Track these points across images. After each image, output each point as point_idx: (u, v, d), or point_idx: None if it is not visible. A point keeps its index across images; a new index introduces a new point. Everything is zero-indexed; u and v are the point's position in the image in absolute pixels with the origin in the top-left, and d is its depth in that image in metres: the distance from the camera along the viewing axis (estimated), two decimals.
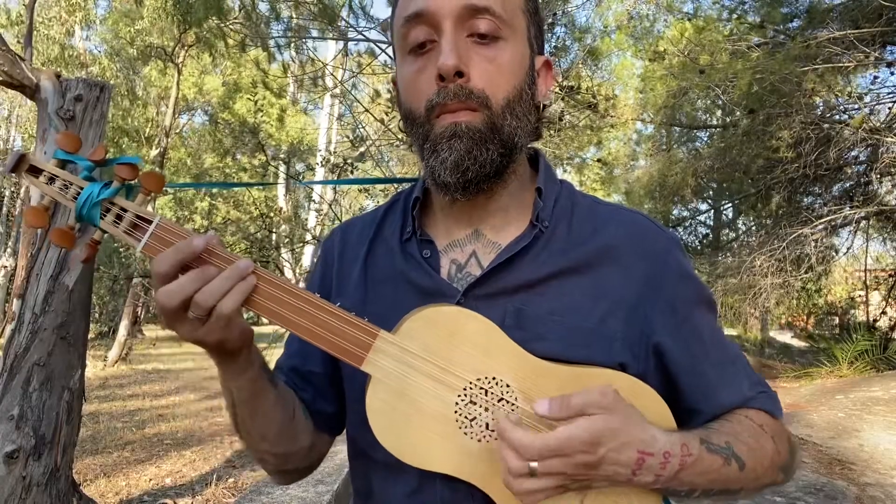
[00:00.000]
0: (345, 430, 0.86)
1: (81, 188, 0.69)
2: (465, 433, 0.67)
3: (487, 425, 0.67)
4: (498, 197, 0.78)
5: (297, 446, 0.80)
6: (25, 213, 0.71)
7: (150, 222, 0.67)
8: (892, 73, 7.65)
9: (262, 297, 0.66)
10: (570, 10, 7.70)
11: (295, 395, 0.82)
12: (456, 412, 0.67)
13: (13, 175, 0.71)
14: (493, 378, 0.67)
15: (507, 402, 0.67)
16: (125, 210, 0.68)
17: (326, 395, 0.85)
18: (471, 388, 0.67)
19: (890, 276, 10.52)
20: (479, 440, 0.66)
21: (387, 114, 5.90)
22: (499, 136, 0.71)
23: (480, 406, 0.67)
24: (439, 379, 0.67)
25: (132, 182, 0.69)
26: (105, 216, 0.68)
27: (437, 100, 0.70)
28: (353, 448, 0.82)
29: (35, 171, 0.70)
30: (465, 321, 0.68)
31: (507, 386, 0.67)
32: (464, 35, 0.71)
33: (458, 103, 0.70)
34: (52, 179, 0.70)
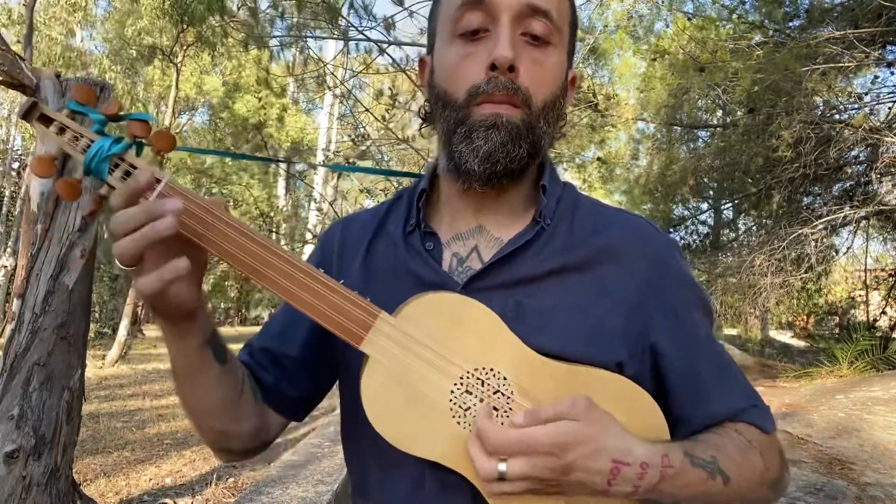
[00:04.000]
0: (340, 426, 0.86)
1: (92, 141, 0.67)
2: (458, 422, 0.66)
3: None
4: (507, 195, 0.78)
5: (238, 427, 0.79)
6: (32, 162, 0.69)
7: (158, 181, 0.65)
8: (892, 73, 7.66)
9: (269, 268, 0.66)
10: None
11: (250, 376, 0.81)
12: (451, 400, 0.66)
13: (25, 120, 0.69)
14: (491, 369, 0.67)
15: (503, 394, 0.66)
16: (134, 167, 0.67)
17: (295, 379, 0.84)
18: (468, 378, 0.66)
19: (890, 276, 10.52)
20: (471, 430, 0.66)
21: (387, 110, 5.86)
22: (532, 137, 0.72)
23: (476, 396, 0.66)
24: (437, 366, 0.66)
25: (143, 139, 0.67)
26: (113, 171, 0.66)
27: (484, 88, 0.70)
28: (351, 442, 0.82)
29: (46, 121, 0.69)
30: (468, 310, 0.68)
31: (504, 378, 0.67)
32: (518, 32, 0.72)
33: (505, 96, 0.70)
34: (62, 130, 0.68)
